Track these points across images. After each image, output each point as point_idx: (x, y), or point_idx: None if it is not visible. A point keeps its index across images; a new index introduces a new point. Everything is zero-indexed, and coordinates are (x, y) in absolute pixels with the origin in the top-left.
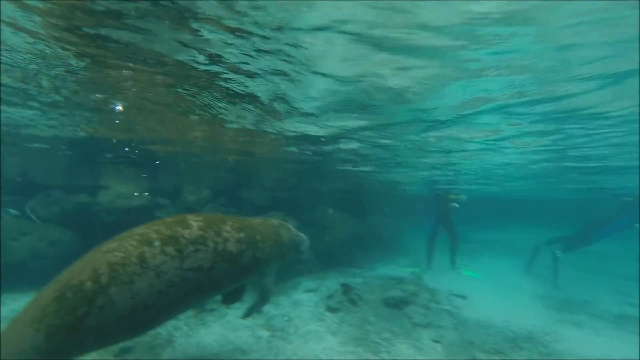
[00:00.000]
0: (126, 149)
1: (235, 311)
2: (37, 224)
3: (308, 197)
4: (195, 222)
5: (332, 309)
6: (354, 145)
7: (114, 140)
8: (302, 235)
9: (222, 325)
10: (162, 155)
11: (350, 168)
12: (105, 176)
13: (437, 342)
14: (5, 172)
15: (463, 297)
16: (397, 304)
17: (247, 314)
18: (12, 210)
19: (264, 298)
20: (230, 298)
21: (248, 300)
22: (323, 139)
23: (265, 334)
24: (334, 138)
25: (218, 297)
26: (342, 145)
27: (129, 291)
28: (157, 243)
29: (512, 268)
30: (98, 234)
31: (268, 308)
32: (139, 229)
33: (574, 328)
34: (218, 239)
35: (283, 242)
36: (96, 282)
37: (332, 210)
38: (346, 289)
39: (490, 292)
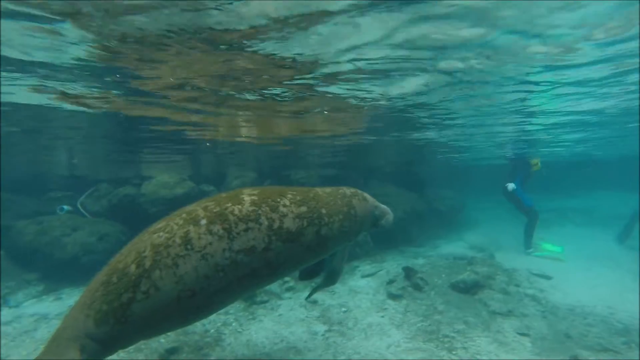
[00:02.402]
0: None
1: (288, 302)
2: (88, 218)
3: (360, 173)
4: (248, 197)
5: (394, 297)
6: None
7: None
8: (383, 207)
9: (274, 320)
10: (205, 139)
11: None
12: (148, 166)
13: (524, 334)
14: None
15: (547, 277)
16: (468, 289)
17: (310, 296)
18: (65, 207)
19: (330, 279)
20: (308, 274)
21: (300, 288)
22: None
23: (321, 328)
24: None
25: (268, 288)
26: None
27: (173, 275)
28: (203, 221)
29: (602, 240)
30: (144, 226)
31: (324, 297)
32: (190, 207)
33: None
34: (274, 214)
35: (357, 216)
36: (140, 266)
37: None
38: (409, 272)
39: (579, 270)
